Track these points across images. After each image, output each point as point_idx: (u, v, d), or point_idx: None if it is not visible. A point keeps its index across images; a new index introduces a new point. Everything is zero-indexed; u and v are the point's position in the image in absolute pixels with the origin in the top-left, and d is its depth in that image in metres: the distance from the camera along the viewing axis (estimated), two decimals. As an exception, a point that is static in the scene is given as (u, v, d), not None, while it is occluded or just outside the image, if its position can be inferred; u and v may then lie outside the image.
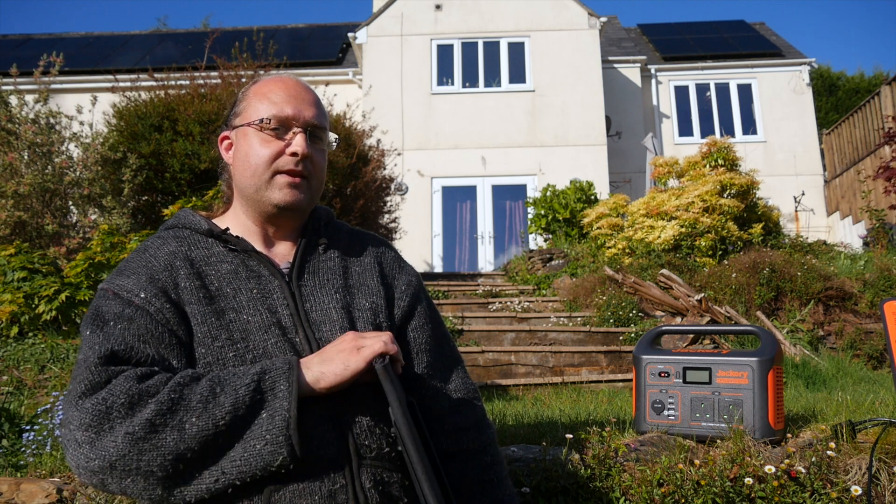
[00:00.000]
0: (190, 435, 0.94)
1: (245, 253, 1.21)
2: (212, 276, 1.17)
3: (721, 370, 1.69)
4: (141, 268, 1.15)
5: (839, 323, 6.02)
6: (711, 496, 1.45)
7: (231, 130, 1.27)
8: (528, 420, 2.37)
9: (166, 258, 1.17)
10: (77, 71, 14.29)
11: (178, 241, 1.21)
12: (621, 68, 15.08)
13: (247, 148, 1.22)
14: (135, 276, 1.14)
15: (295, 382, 0.99)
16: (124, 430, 0.93)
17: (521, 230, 13.13)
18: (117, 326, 1.06)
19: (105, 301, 1.12)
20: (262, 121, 1.21)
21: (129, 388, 0.96)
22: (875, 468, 1.57)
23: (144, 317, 1.08)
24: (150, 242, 1.21)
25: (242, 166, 1.22)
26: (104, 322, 1.08)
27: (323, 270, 1.24)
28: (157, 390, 0.97)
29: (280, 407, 0.97)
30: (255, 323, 1.13)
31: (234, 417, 0.95)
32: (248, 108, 1.25)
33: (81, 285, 4.97)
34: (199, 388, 0.97)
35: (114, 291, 1.13)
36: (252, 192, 1.22)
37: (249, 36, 10.06)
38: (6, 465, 2.38)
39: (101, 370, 1.00)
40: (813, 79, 16.21)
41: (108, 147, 6.90)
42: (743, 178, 8.44)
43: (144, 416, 0.94)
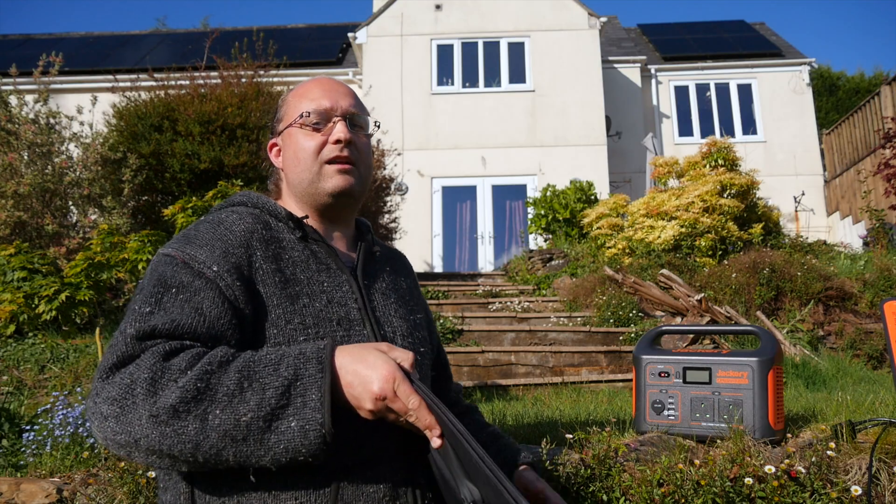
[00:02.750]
0: (212, 426, 0.92)
1: (315, 243, 1.22)
2: (286, 260, 1.17)
3: (721, 370, 1.69)
4: (216, 240, 1.13)
5: (839, 323, 6.02)
6: (711, 496, 1.45)
7: (277, 136, 1.32)
8: (528, 420, 2.37)
9: (243, 234, 1.15)
10: (77, 71, 14.30)
11: (254, 219, 1.20)
12: (621, 68, 15.08)
13: (294, 146, 1.27)
14: (208, 247, 1.12)
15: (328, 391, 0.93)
16: (148, 410, 0.92)
17: (521, 230, 13.13)
18: (179, 296, 1.05)
19: (172, 268, 1.09)
20: (302, 115, 1.26)
21: (153, 364, 0.95)
22: (875, 468, 1.56)
23: (213, 290, 1.06)
24: (225, 216, 1.20)
25: (293, 164, 1.27)
26: (166, 289, 1.06)
27: (380, 277, 1.31)
28: (182, 370, 0.94)
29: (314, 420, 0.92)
30: (326, 313, 1.14)
31: (257, 417, 0.93)
32: (289, 110, 1.30)
33: (81, 285, 4.96)
34: (226, 380, 0.94)
35: (183, 260, 1.10)
36: (306, 185, 1.25)
37: (249, 36, 10.06)
38: (6, 465, 2.38)
39: (136, 344, 0.98)
40: (813, 79, 16.21)
41: (108, 147, 6.90)
42: (743, 178, 8.44)
43: (168, 402, 0.92)
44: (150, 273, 1.11)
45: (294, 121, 1.27)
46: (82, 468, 2.14)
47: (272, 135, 1.34)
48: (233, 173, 7.13)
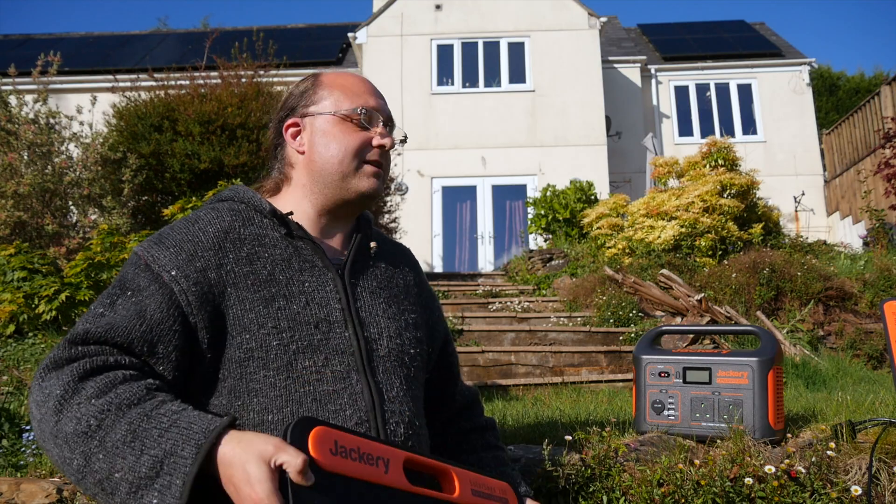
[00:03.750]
0: (91, 469, 0.91)
1: (301, 240, 1.18)
2: (264, 259, 1.13)
3: (721, 370, 1.69)
4: (185, 241, 1.11)
5: (839, 323, 6.02)
6: (711, 496, 1.45)
7: (301, 118, 1.25)
8: (528, 420, 2.37)
9: (216, 235, 1.12)
10: (77, 71, 14.29)
11: (233, 216, 1.16)
12: (621, 68, 15.08)
13: (331, 137, 1.22)
14: (174, 249, 1.09)
15: (189, 483, 0.86)
16: (49, 429, 0.93)
17: (521, 230, 13.13)
18: (131, 300, 1.04)
19: (134, 269, 1.09)
20: (358, 111, 1.23)
21: (67, 383, 0.95)
22: (875, 468, 1.57)
23: (164, 294, 1.05)
24: (203, 214, 1.16)
25: (325, 154, 1.22)
26: (122, 291, 1.07)
27: (373, 275, 1.26)
28: (88, 397, 0.93)
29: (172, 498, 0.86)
30: (304, 315, 1.11)
31: (126, 479, 0.89)
32: (328, 98, 1.24)
33: (81, 285, 4.96)
34: (118, 427, 0.91)
35: (146, 261, 1.09)
36: (337, 178, 1.22)
37: (249, 36, 10.06)
38: (6, 465, 2.38)
39: (69, 349, 0.99)
40: (813, 79, 16.20)
41: (107, 147, 6.90)
42: (743, 178, 8.44)
43: (65, 429, 0.92)
44: (120, 271, 1.11)
45: (339, 111, 1.22)
46: (82, 468, 2.13)
47: (290, 113, 1.27)
48: (233, 173, 7.13)
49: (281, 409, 1.06)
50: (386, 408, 1.13)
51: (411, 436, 1.15)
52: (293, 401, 1.07)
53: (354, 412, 1.09)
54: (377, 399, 1.12)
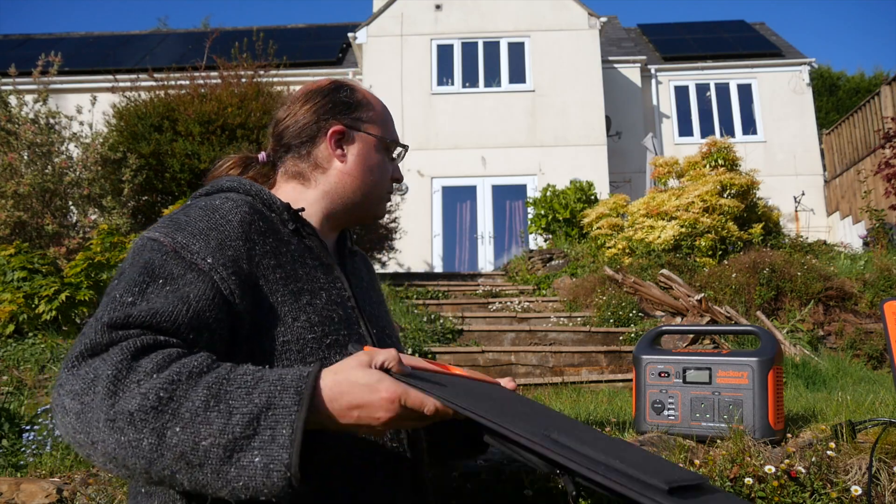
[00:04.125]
0: (168, 445, 0.81)
1: (309, 237, 1.16)
2: (284, 254, 1.10)
3: (721, 370, 1.69)
4: (211, 230, 1.03)
5: (839, 323, 6.02)
6: (711, 496, 1.44)
7: (353, 130, 1.23)
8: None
9: (241, 226, 1.06)
10: (77, 71, 14.30)
11: (250, 208, 1.10)
12: (621, 68, 15.08)
13: (376, 162, 1.25)
14: (202, 237, 1.01)
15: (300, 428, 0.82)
16: (105, 413, 0.82)
17: (521, 230, 13.13)
18: (166, 288, 0.95)
19: (160, 256, 0.99)
20: (401, 149, 1.29)
21: (119, 361, 0.85)
22: (875, 468, 1.57)
23: (206, 282, 0.97)
24: (219, 203, 1.08)
25: (368, 177, 1.24)
26: (153, 279, 0.96)
27: (359, 276, 1.30)
28: (148, 373, 0.85)
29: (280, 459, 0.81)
30: (328, 311, 1.10)
31: (218, 443, 0.81)
32: (377, 120, 1.26)
33: (81, 285, 4.96)
34: (193, 395, 0.83)
35: (174, 248, 0.99)
36: (367, 201, 1.25)
37: (249, 36, 10.06)
38: (6, 465, 2.38)
39: (107, 333, 0.88)
40: (813, 79, 16.21)
41: (107, 147, 6.90)
42: (743, 178, 8.44)
43: (127, 407, 0.82)
44: (133, 258, 1.00)
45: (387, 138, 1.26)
46: (82, 468, 2.14)
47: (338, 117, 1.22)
48: (233, 173, 7.12)
49: None
50: None
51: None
52: None
53: None
54: None
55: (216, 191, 1.16)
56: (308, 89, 1.26)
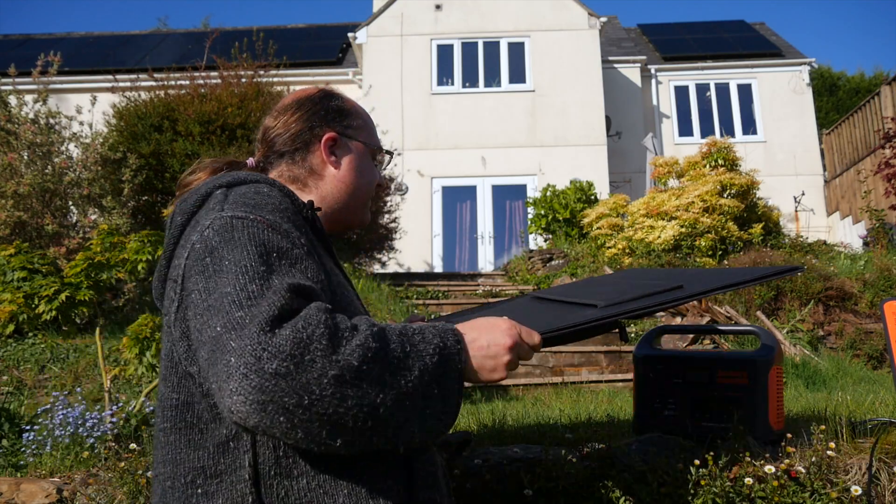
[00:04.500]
0: (387, 392, 0.85)
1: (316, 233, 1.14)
2: (314, 244, 1.09)
3: (721, 370, 1.69)
4: (282, 210, 1.02)
5: (839, 323, 6.02)
6: (711, 496, 1.45)
7: (345, 138, 1.25)
8: (528, 420, 2.37)
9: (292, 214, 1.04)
10: (77, 71, 14.30)
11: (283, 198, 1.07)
12: (621, 68, 15.08)
13: (365, 168, 1.27)
14: (280, 214, 1.00)
15: (462, 366, 0.93)
16: (330, 370, 0.81)
17: (521, 230, 13.13)
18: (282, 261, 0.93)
19: (260, 230, 0.95)
20: (388, 154, 1.31)
21: (326, 320, 0.84)
22: (875, 468, 1.57)
23: (313, 262, 0.97)
24: (265, 190, 1.06)
25: (359, 182, 1.26)
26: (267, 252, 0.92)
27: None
28: (350, 328, 0.86)
29: (453, 390, 0.91)
30: (355, 305, 1.11)
31: (417, 384, 0.87)
32: (363, 127, 1.28)
33: (81, 285, 4.97)
34: (392, 343, 0.87)
35: (269, 224, 0.96)
36: (357, 207, 1.27)
37: (249, 36, 10.06)
38: (6, 465, 2.38)
39: (292, 297, 0.86)
40: (813, 79, 16.21)
41: (107, 147, 6.90)
42: (743, 178, 8.44)
43: (352, 362, 0.82)
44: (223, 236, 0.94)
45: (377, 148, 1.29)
46: (82, 468, 2.14)
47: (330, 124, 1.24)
48: (233, 173, 7.12)
49: None
50: None
51: None
52: None
53: None
54: None
55: (238, 182, 1.09)
56: (297, 98, 1.27)
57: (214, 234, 0.95)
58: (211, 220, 0.97)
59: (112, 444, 2.21)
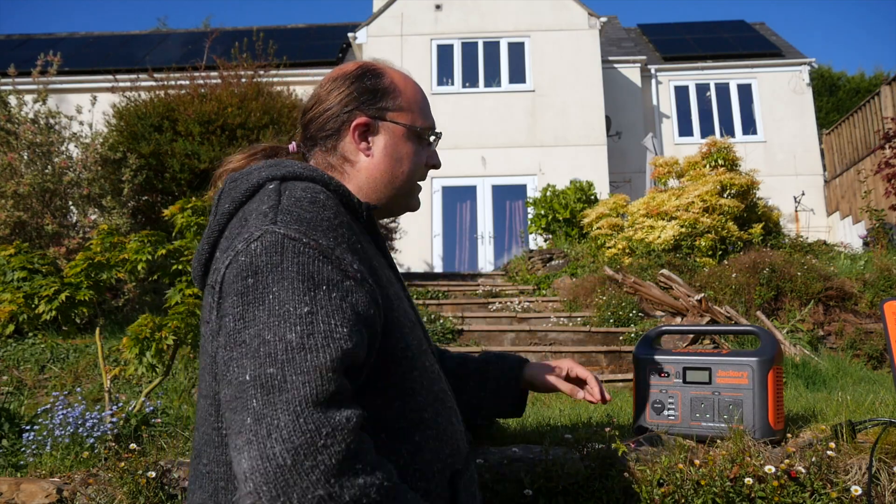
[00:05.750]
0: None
1: (376, 233, 1.10)
2: (369, 254, 1.02)
3: (721, 370, 1.69)
4: (337, 227, 0.94)
5: (839, 323, 6.01)
6: (711, 496, 1.45)
7: (375, 120, 1.14)
8: (528, 420, 2.37)
9: (344, 218, 0.98)
10: (77, 71, 14.30)
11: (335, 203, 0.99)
12: (621, 68, 15.08)
13: (405, 153, 1.16)
14: (334, 236, 0.92)
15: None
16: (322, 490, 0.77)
17: (521, 230, 13.13)
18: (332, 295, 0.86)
19: (310, 259, 0.87)
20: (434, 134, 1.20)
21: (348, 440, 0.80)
22: (875, 468, 1.57)
23: (364, 292, 0.91)
24: (322, 197, 0.97)
25: (396, 170, 1.15)
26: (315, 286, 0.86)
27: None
28: (368, 464, 0.82)
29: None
30: (411, 314, 1.08)
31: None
32: (408, 108, 1.17)
33: (81, 285, 4.96)
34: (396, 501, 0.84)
35: (320, 251, 0.89)
36: (393, 194, 1.16)
37: (249, 36, 10.07)
38: (6, 465, 2.38)
39: (332, 380, 0.82)
40: (813, 79, 16.21)
41: (107, 147, 6.90)
42: (743, 178, 8.44)
43: (344, 497, 0.78)
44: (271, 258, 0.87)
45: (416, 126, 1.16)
46: (82, 468, 2.14)
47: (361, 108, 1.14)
48: (233, 173, 7.12)
49: (431, 407, 1.03)
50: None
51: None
52: (437, 400, 1.05)
53: (454, 407, 1.13)
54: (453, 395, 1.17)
55: (293, 177, 1.02)
56: (334, 75, 1.18)
57: (262, 253, 0.88)
58: (261, 234, 0.89)
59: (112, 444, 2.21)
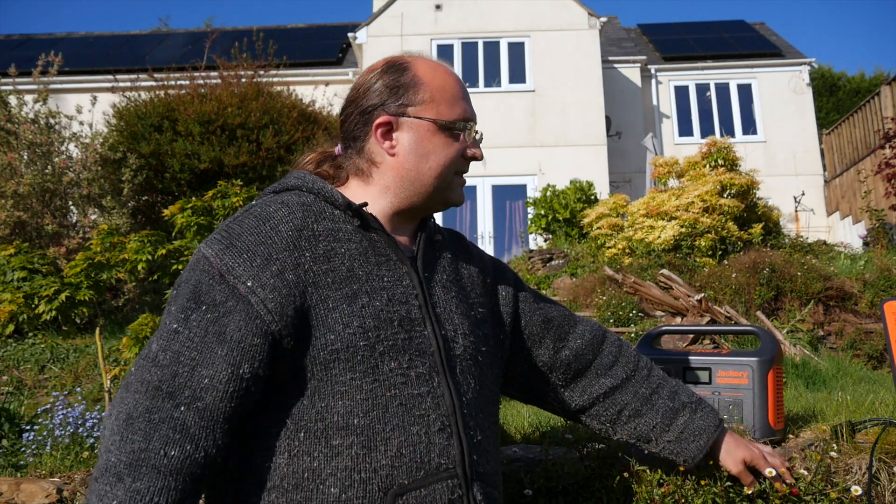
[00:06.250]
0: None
1: (375, 231, 1.13)
2: (342, 254, 1.08)
3: (721, 370, 1.69)
4: (258, 244, 1.04)
5: (839, 323, 6.01)
6: (711, 496, 1.45)
7: (396, 117, 1.16)
8: (528, 420, 2.37)
9: (290, 234, 1.06)
10: (77, 71, 14.29)
11: (304, 211, 1.09)
12: (621, 68, 15.08)
13: (430, 148, 1.15)
14: (248, 254, 1.03)
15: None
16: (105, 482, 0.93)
17: (521, 230, 13.13)
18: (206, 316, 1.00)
19: (208, 279, 1.03)
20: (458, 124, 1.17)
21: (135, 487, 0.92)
22: (875, 468, 1.57)
23: (243, 311, 1.01)
24: (274, 210, 1.09)
25: (422, 166, 1.15)
26: (196, 306, 1.02)
27: (442, 268, 1.21)
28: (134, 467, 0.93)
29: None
30: (387, 313, 1.07)
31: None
32: (428, 101, 1.17)
33: (81, 285, 4.96)
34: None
35: (220, 271, 1.03)
36: (431, 191, 1.16)
37: (249, 36, 10.07)
38: (6, 465, 2.38)
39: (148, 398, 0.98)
40: (814, 79, 16.21)
41: (107, 147, 6.91)
42: (743, 178, 8.44)
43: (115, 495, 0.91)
44: (188, 275, 1.05)
45: (441, 119, 1.16)
46: (82, 468, 2.14)
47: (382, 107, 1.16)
48: (233, 173, 7.13)
49: (367, 414, 1.03)
50: (465, 411, 1.10)
51: (482, 441, 1.12)
52: (380, 405, 1.03)
53: (438, 417, 1.07)
54: (457, 402, 1.09)
55: (280, 190, 1.16)
56: (364, 73, 1.21)
57: (185, 269, 1.08)
58: (198, 248, 1.08)
59: (112, 444, 2.21)
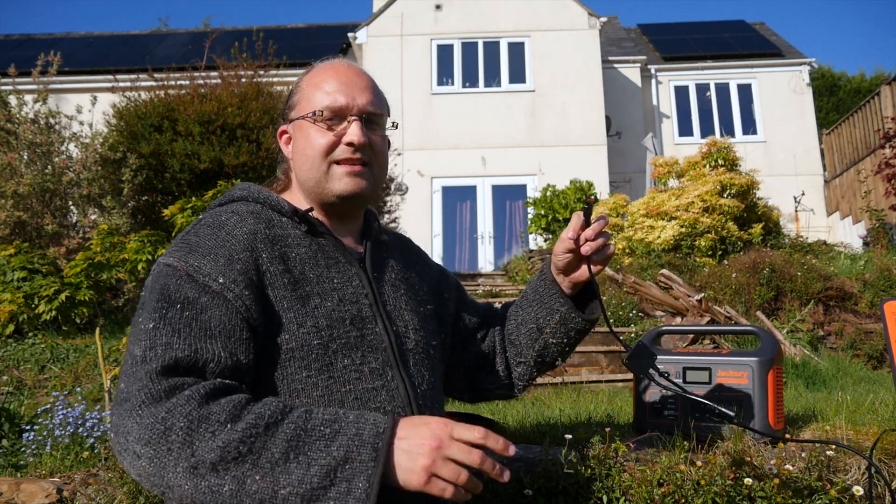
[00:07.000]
0: (248, 492, 0.87)
1: (322, 236, 1.18)
2: (293, 259, 1.13)
3: (721, 370, 1.69)
4: (218, 247, 1.08)
5: (839, 323, 6.01)
6: (711, 496, 1.45)
7: (288, 124, 1.27)
8: (528, 420, 2.37)
9: (246, 238, 1.10)
10: (77, 71, 14.29)
11: (255, 219, 1.14)
12: (621, 68, 15.08)
13: (304, 141, 1.21)
14: (211, 256, 1.06)
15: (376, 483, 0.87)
16: (186, 461, 0.87)
17: (521, 230, 13.13)
18: (184, 313, 0.99)
19: (175, 280, 1.04)
20: (314, 113, 1.20)
21: (189, 412, 0.89)
22: (875, 468, 1.57)
23: (221, 305, 1.02)
24: (226, 218, 1.14)
25: (301, 160, 1.22)
26: (170, 304, 1.00)
27: (390, 267, 1.27)
28: (222, 423, 0.88)
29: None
30: (339, 313, 1.11)
31: (296, 493, 0.87)
32: (302, 100, 1.24)
33: (81, 285, 4.97)
34: (272, 446, 0.88)
35: (187, 272, 1.04)
36: (313, 184, 1.21)
37: (249, 36, 10.06)
38: (6, 465, 2.38)
39: (162, 380, 0.93)
40: (814, 79, 16.21)
41: (107, 147, 6.90)
42: (743, 178, 8.44)
43: (208, 458, 0.86)
44: (151, 285, 1.06)
45: (306, 115, 1.21)
46: (82, 468, 2.14)
47: (283, 120, 1.29)
48: (233, 173, 7.12)
49: (329, 407, 1.06)
50: (420, 402, 1.15)
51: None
52: (336, 400, 1.07)
53: (393, 409, 1.11)
54: (412, 393, 1.14)
55: (227, 201, 1.21)
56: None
57: (148, 280, 1.09)
58: (157, 262, 1.10)
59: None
